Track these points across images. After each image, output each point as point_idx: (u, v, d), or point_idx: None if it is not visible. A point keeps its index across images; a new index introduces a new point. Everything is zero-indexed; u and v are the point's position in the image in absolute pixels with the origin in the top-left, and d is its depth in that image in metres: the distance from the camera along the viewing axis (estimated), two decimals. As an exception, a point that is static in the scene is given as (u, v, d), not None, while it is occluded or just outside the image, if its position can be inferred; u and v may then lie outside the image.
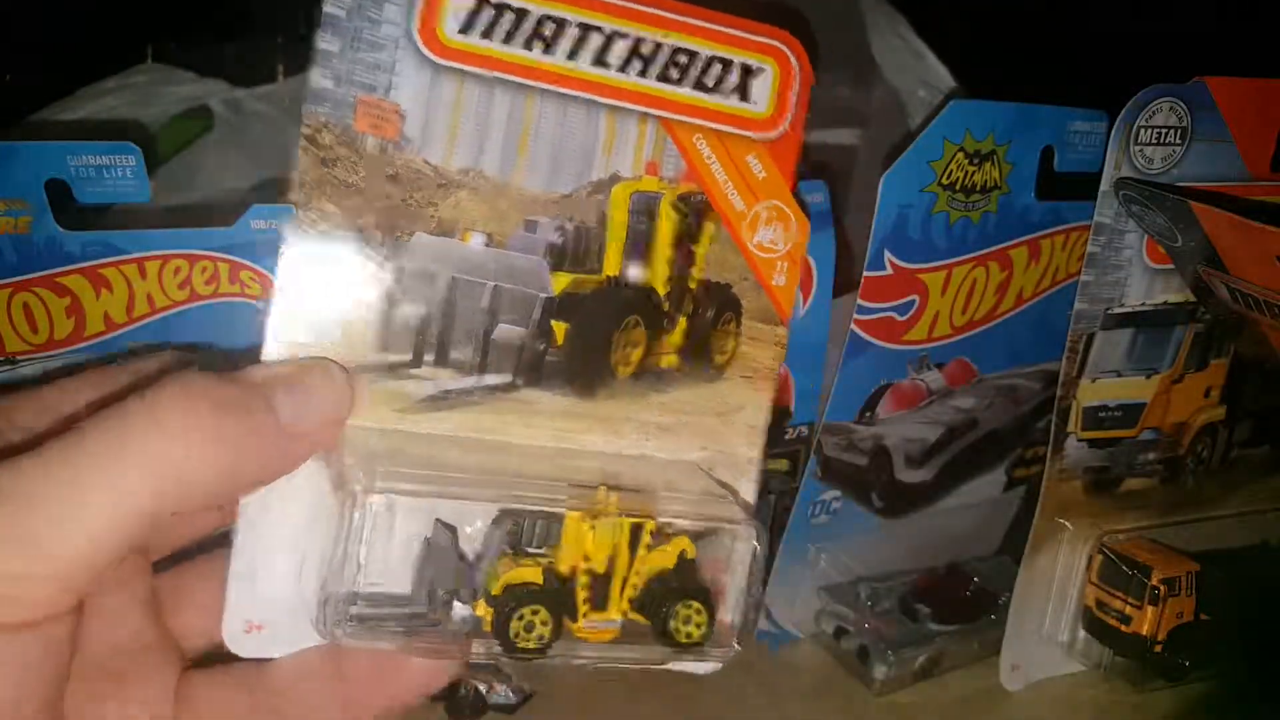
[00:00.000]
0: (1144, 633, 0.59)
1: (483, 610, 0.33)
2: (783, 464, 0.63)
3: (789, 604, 0.63)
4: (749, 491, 0.39)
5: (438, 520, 0.33)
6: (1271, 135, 0.56)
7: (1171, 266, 0.56)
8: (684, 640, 0.34)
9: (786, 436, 0.63)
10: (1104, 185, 0.53)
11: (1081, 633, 0.61)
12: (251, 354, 0.33)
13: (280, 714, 0.33)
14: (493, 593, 0.33)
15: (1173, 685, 0.60)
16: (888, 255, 0.54)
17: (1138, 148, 0.53)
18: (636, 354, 0.37)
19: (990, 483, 0.66)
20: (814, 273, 0.58)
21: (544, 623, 0.33)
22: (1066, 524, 0.60)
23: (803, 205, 0.37)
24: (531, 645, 0.33)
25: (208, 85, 0.75)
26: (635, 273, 0.37)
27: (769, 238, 0.37)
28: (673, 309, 0.37)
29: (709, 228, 0.37)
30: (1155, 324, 0.58)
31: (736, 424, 0.38)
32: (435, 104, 0.33)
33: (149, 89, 0.68)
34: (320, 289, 0.33)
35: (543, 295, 0.36)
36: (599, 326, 0.36)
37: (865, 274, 0.54)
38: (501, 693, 0.55)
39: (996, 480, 0.67)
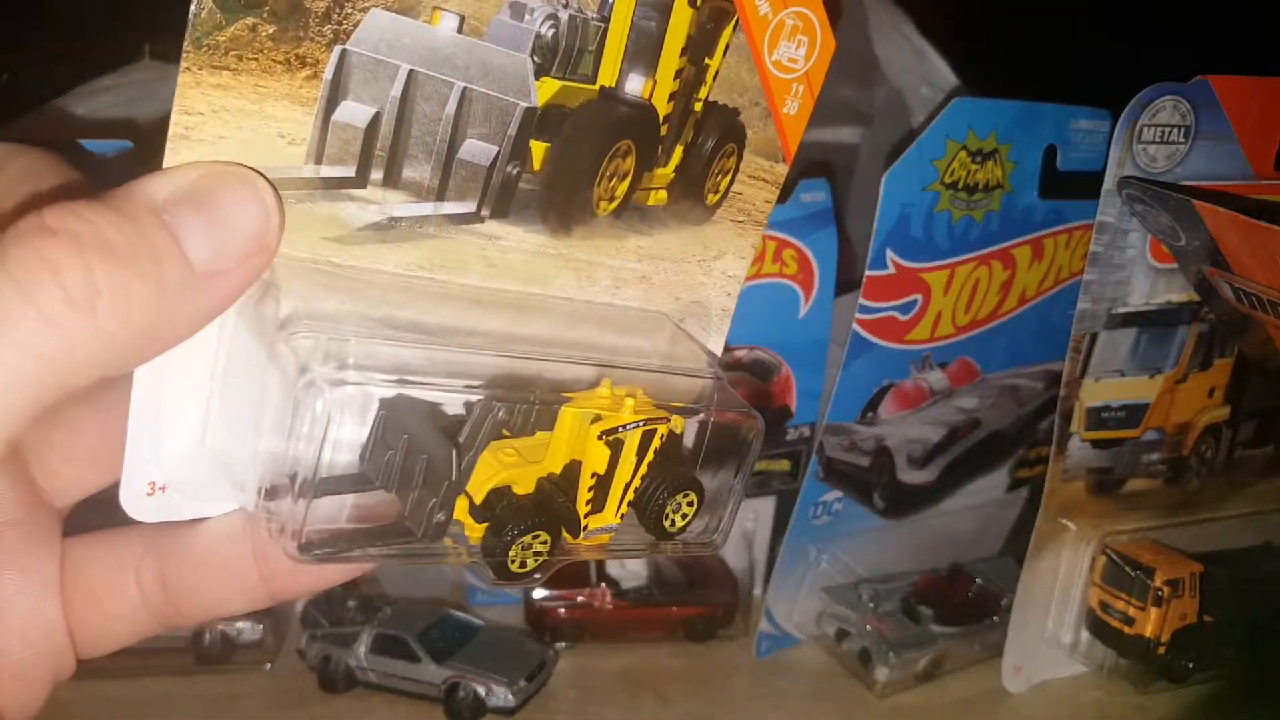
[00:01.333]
0: (1147, 634, 0.58)
1: (462, 515, 0.28)
2: (784, 464, 0.63)
3: (790, 606, 0.63)
4: (716, 345, 0.34)
5: (403, 397, 0.27)
6: (1275, 134, 0.55)
7: (1175, 266, 0.56)
8: (670, 529, 0.31)
9: (788, 437, 0.62)
10: (1107, 184, 0.53)
11: (1084, 634, 0.61)
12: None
13: (194, 587, 0.28)
14: (476, 499, 0.28)
15: (1176, 687, 0.60)
16: (890, 254, 0.54)
17: (1141, 146, 0.52)
18: (622, 187, 0.31)
19: (993, 483, 0.66)
20: (816, 272, 0.58)
21: (543, 543, 0.29)
22: (1069, 525, 0.60)
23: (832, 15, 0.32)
24: (529, 568, 0.29)
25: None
26: (634, 84, 0.30)
27: (789, 54, 0.31)
28: (670, 136, 0.31)
29: (726, 36, 0.30)
30: (1159, 324, 0.57)
31: (715, 273, 0.33)
32: None
33: (146, 87, 0.68)
34: (241, 75, 0.25)
35: (523, 105, 0.29)
36: (585, 152, 0.30)
37: (867, 273, 0.54)
38: (500, 695, 0.55)
39: (999, 481, 0.66)
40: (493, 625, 0.60)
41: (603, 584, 0.62)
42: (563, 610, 0.62)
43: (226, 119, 0.26)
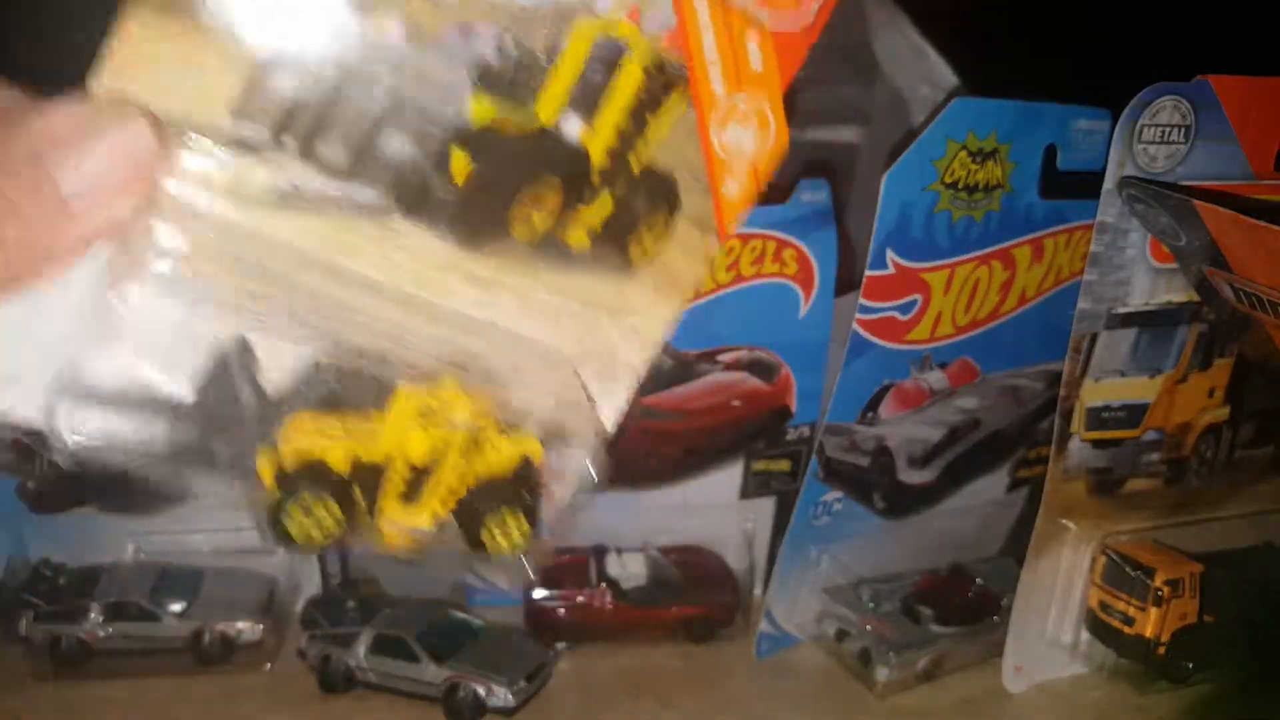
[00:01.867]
0: (1147, 635, 0.58)
1: (262, 467, 0.28)
2: (784, 464, 0.63)
3: (790, 606, 0.62)
4: (616, 401, 0.33)
5: (241, 338, 0.28)
6: (1275, 134, 0.55)
7: (1175, 266, 0.56)
8: (491, 549, 0.30)
9: (788, 437, 0.62)
10: (1107, 184, 0.53)
11: (1084, 634, 0.61)
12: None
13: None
14: (285, 464, 0.27)
15: (1176, 687, 0.60)
16: (890, 254, 0.54)
17: (1141, 146, 0.52)
18: (542, 219, 0.31)
19: (993, 483, 0.66)
20: (816, 272, 0.58)
21: (332, 515, 0.28)
22: (1069, 525, 0.60)
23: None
24: (311, 538, 0.28)
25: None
26: (572, 128, 0.31)
27: (736, 138, 0.32)
28: (602, 184, 0.32)
29: (675, 104, 0.31)
30: (1159, 324, 0.57)
31: (626, 328, 0.33)
32: None
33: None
34: (180, 26, 0.26)
35: (452, 117, 0.29)
36: (509, 180, 0.30)
37: (867, 273, 0.54)
38: (500, 695, 0.55)
39: (999, 481, 0.66)
40: (493, 625, 0.60)
41: (603, 584, 0.62)
42: (563, 610, 0.62)
43: (160, 63, 0.27)
